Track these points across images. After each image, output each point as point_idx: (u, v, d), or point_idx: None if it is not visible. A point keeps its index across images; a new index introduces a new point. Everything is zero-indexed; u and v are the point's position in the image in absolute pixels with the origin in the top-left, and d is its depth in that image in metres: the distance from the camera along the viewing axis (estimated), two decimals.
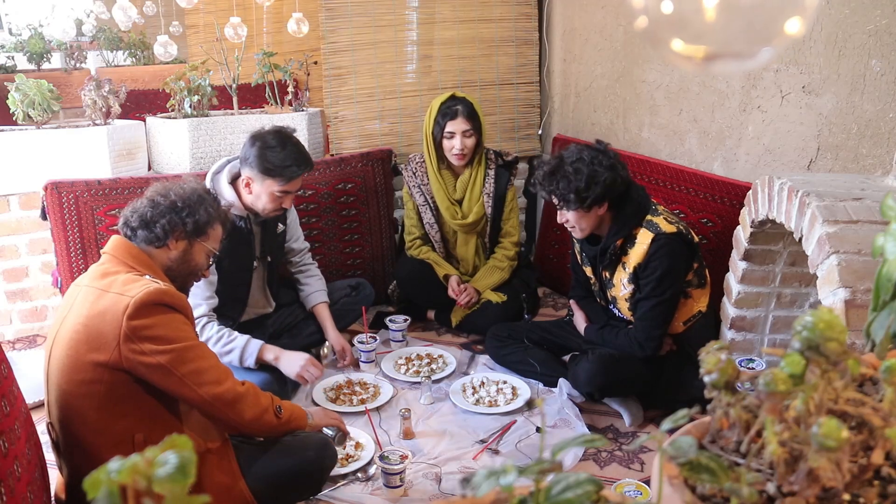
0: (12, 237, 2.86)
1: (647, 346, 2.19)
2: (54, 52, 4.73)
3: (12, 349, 2.83)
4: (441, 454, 2.10)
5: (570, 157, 2.11)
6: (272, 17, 3.60)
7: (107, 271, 1.57)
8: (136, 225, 1.65)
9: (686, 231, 2.16)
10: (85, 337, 1.46)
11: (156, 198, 1.69)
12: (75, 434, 1.52)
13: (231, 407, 1.56)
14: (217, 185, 2.35)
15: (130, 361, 1.46)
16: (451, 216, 2.95)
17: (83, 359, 1.46)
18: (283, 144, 2.27)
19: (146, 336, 1.46)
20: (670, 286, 2.13)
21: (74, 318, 1.50)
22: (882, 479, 0.56)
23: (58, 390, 1.52)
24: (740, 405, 0.59)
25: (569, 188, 2.08)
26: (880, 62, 1.89)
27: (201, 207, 1.71)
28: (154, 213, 1.66)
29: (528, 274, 3.10)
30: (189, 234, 1.69)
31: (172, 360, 1.47)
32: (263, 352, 2.25)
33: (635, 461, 2.08)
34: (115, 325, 1.44)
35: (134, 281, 1.52)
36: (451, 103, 2.84)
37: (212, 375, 1.53)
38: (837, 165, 2.08)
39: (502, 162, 2.99)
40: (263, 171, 2.25)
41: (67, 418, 1.52)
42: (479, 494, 0.48)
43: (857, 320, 1.38)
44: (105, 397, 1.48)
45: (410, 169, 3.00)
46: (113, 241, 1.66)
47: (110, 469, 0.39)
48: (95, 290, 1.51)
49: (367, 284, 2.88)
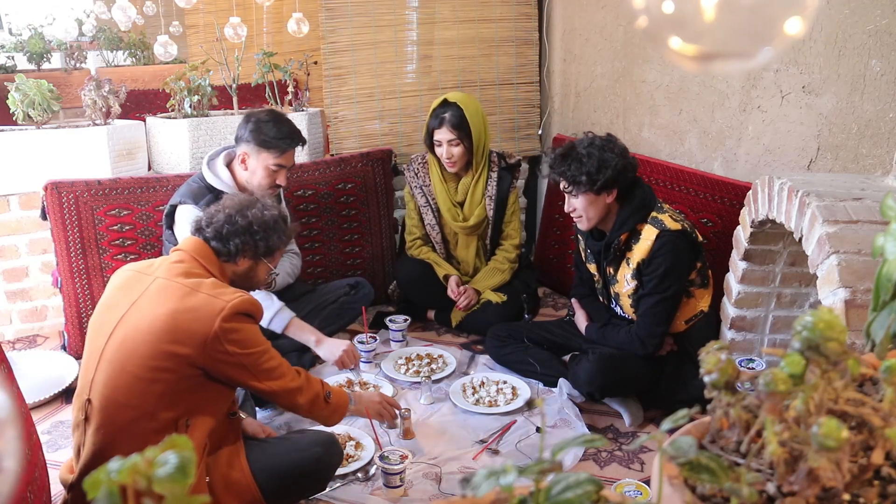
0: (12, 237, 2.86)
1: (648, 342, 2.19)
2: (54, 52, 4.73)
3: (12, 349, 2.83)
4: (441, 454, 2.10)
5: (583, 143, 2.17)
6: (272, 17, 3.60)
7: (189, 271, 1.64)
8: (209, 236, 1.73)
9: (691, 230, 2.17)
10: (171, 327, 1.53)
11: (234, 215, 1.75)
12: (121, 415, 1.56)
13: (289, 395, 1.70)
14: (213, 167, 2.43)
15: (213, 360, 1.56)
16: (453, 218, 2.94)
17: (162, 347, 1.53)
18: (276, 119, 2.39)
19: (232, 339, 1.57)
20: (673, 283, 2.13)
21: (154, 307, 1.56)
22: (882, 479, 0.56)
23: (120, 369, 1.56)
24: (740, 405, 0.59)
25: (581, 170, 2.11)
26: (880, 62, 1.89)
27: (275, 234, 1.79)
28: (230, 229, 1.73)
29: (529, 274, 3.10)
30: (258, 255, 1.78)
31: (253, 362, 1.62)
32: (297, 328, 2.31)
33: (635, 461, 2.08)
34: (207, 323, 1.53)
35: (223, 286, 1.63)
36: (440, 111, 2.80)
37: (278, 372, 1.68)
38: (837, 165, 2.08)
39: (505, 164, 2.97)
40: (259, 144, 2.36)
41: (122, 397, 1.56)
42: (479, 494, 0.48)
43: (857, 320, 1.38)
44: (171, 385, 1.55)
45: (413, 169, 2.99)
46: (192, 242, 1.73)
47: (110, 469, 0.39)
48: (182, 287, 1.58)
49: (367, 283, 2.88)
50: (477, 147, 2.84)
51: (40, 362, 2.65)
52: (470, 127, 2.78)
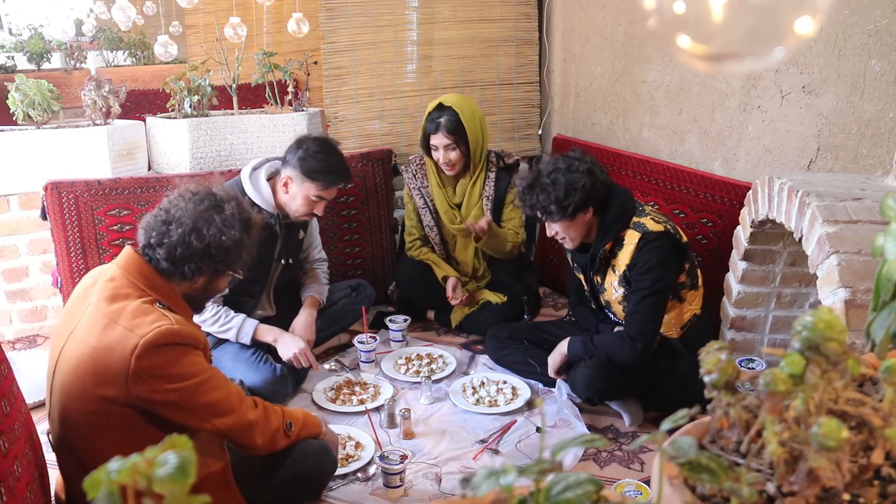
0: (12, 237, 2.86)
1: (638, 339, 2.10)
2: (54, 52, 4.72)
3: (12, 349, 2.83)
4: (441, 454, 2.10)
5: (546, 169, 2.10)
6: (272, 17, 3.60)
7: (116, 293, 1.47)
8: (161, 257, 1.52)
9: (674, 231, 2.13)
10: (92, 369, 1.41)
11: (188, 236, 1.52)
12: (76, 454, 1.51)
13: (244, 435, 1.54)
14: (255, 181, 2.40)
15: (140, 399, 1.42)
16: (450, 220, 2.93)
17: (90, 391, 1.42)
18: (327, 152, 2.36)
19: (156, 375, 1.41)
20: (660, 279, 2.08)
21: (81, 343, 1.44)
22: (882, 479, 0.56)
23: (61, 411, 1.48)
24: (740, 405, 0.59)
25: (549, 199, 2.05)
26: (880, 62, 1.89)
27: (235, 253, 1.59)
28: (184, 253, 1.52)
29: (530, 275, 3.09)
30: (217, 273, 1.61)
31: (184, 397, 1.44)
32: (261, 332, 2.34)
33: (635, 461, 2.08)
34: (123, 363, 1.39)
35: (144, 313, 1.44)
36: (436, 115, 2.77)
37: (224, 406, 1.50)
38: (837, 165, 2.08)
39: (504, 164, 2.94)
40: (305, 173, 2.32)
41: (69, 439, 1.50)
42: (479, 494, 0.48)
43: (857, 320, 1.38)
44: (111, 427, 1.45)
45: (411, 171, 2.98)
46: (127, 257, 1.54)
47: (110, 469, 0.39)
48: (104, 318, 1.43)
49: (368, 285, 2.89)
50: (474, 150, 2.81)
51: (40, 362, 2.65)
52: (466, 131, 2.75)
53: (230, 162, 2.91)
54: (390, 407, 2.24)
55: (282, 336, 2.36)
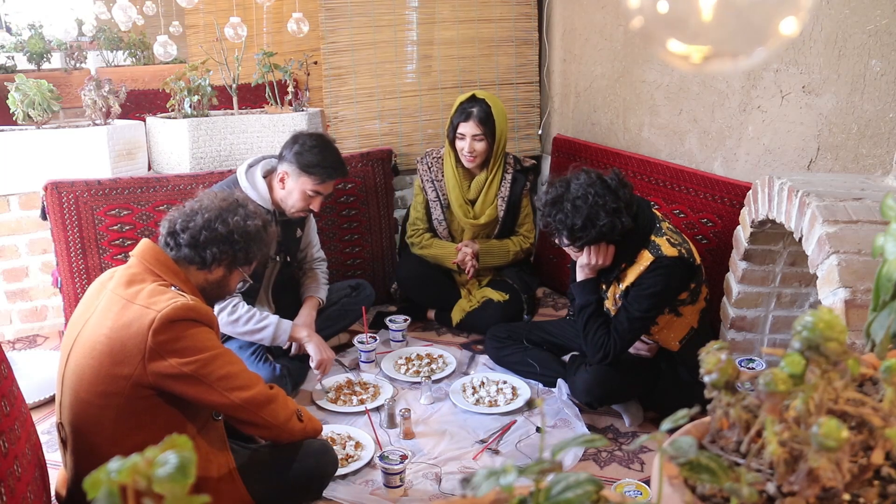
0: (12, 237, 2.86)
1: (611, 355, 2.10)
2: (54, 52, 4.72)
3: (12, 349, 2.83)
4: (441, 454, 2.10)
5: (575, 191, 1.99)
6: (272, 17, 3.60)
7: (133, 278, 1.52)
8: (183, 242, 1.60)
9: (688, 255, 2.07)
10: (108, 349, 1.44)
11: (213, 221, 1.62)
12: (88, 441, 1.51)
13: (264, 408, 1.55)
14: (251, 178, 2.41)
15: (156, 377, 1.44)
16: (464, 214, 2.95)
17: (106, 371, 1.44)
18: (323, 146, 2.38)
19: (173, 349, 1.44)
20: (655, 307, 2.06)
21: (98, 326, 1.47)
22: (882, 479, 0.56)
23: (74, 396, 1.49)
24: (740, 405, 0.59)
25: (563, 224, 1.99)
26: (880, 62, 1.89)
27: (255, 245, 1.67)
28: (208, 237, 1.60)
29: (530, 275, 3.10)
30: (234, 265, 1.68)
31: (200, 369, 1.46)
32: (296, 330, 2.36)
33: (635, 461, 2.08)
34: (140, 339, 1.42)
35: (160, 293, 1.48)
36: (468, 105, 2.83)
37: (242, 380, 1.52)
38: (837, 165, 2.08)
39: (520, 167, 3.00)
40: (301, 168, 2.34)
41: (82, 425, 1.50)
42: (479, 494, 0.48)
43: (857, 320, 1.38)
44: (124, 409, 1.46)
45: (426, 163, 3.00)
46: (143, 246, 1.60)
47: (110, 469, 0.39)
48: (121, 300, 1.47)
49: (368, 285, 2.89)
50: (497, 146, 2.88)
51: (40, 362, 2.65)
52: (495, 124, 2.83)
53: (230, 162, 2.91)
54: (390, 407, 2.24)
55: (314, 337, 2.37)
